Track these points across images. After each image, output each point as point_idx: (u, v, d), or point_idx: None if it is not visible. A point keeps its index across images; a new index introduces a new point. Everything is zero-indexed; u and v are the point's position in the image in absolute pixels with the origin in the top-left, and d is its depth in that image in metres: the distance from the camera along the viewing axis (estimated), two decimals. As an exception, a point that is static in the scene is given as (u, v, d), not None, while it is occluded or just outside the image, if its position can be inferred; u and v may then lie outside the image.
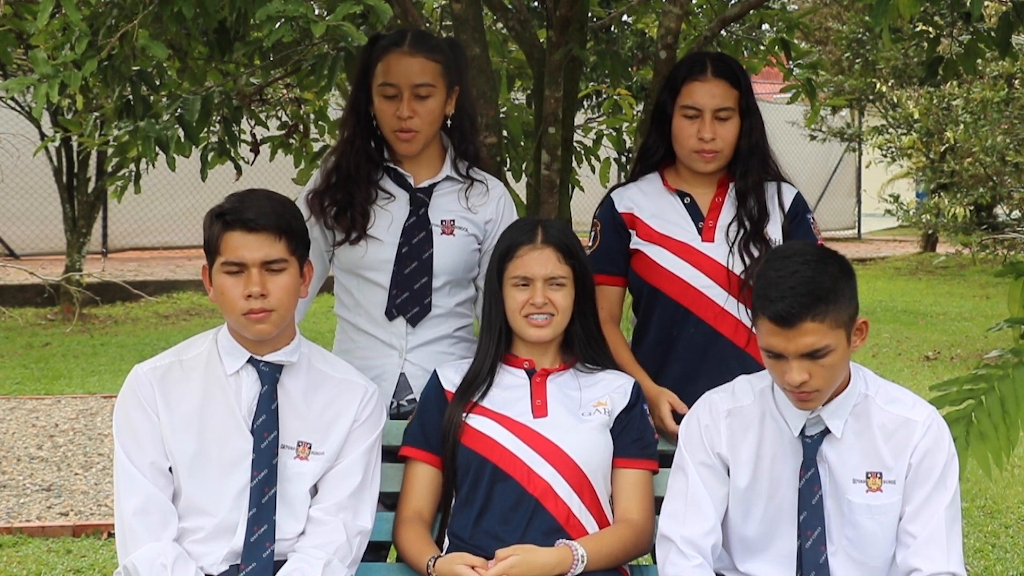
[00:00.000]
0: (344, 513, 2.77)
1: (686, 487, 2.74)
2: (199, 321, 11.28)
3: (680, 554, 2.70)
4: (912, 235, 19.01)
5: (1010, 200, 13.80)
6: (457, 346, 3.17)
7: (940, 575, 2.59)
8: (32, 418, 7.44)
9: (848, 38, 13.33)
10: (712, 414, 2.77)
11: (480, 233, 3.17)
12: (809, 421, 2.68)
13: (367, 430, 2.84)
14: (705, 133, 3.11)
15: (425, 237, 3.11)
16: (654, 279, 3.18)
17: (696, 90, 3.12)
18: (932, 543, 2.61)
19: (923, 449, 2.64)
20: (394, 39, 3.11)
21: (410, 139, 3.08)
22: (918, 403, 2.71)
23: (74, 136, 6.50)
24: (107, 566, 4.90)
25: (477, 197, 3.18)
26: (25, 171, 13.17)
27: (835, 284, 2.58)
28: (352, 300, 3.16)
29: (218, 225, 2.70)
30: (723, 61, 3.20)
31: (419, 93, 3.05)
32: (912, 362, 9.73)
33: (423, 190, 3.15)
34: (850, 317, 2.60)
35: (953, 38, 4.25)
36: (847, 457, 2.67)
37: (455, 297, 3.16)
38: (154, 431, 2.74)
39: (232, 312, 2.71)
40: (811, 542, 2.66)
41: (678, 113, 3.14)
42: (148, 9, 3.00)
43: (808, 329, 2.54)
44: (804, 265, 2.59)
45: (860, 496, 2.65)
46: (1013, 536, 5.50)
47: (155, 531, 2.69)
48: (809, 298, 2.54)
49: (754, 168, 3.18)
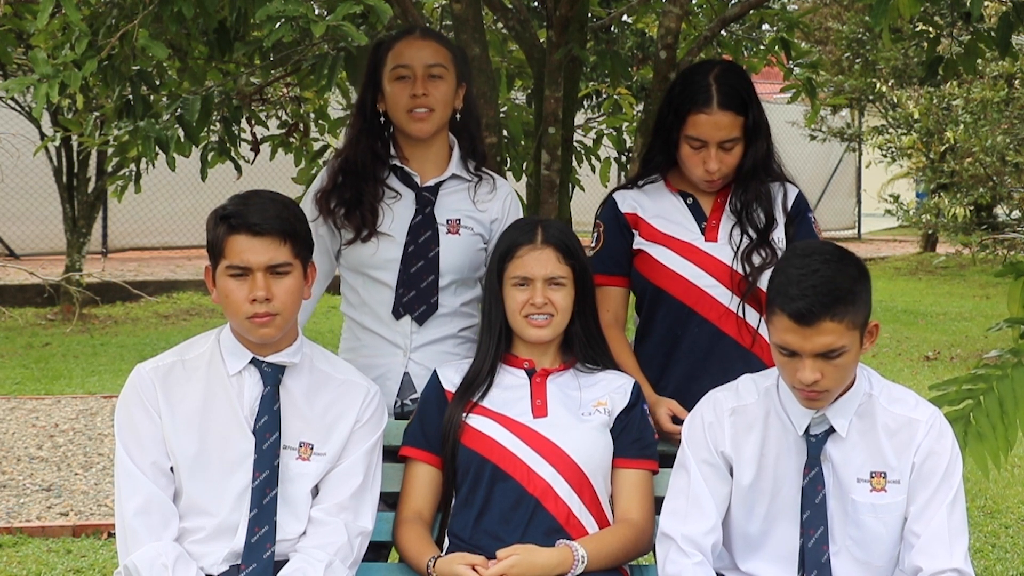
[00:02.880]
0: (345, 514, 2.77)
1: (688, 485, 2.74)
2: (199, 321, 11.28)
3: (680, 552, 2.70)
4: (912, 235, 19.01)
5: (1010, 200, 13.80)
6: (462, 346, 3.17)
7: (943, 572, 2.59)
8: (32, 418, 7.44)
9: (848, 38, 13.33)
10: (716, 412, 2.76)
11: (486, 232, 3.18)
12: (814, 420, 2.67)
13: (369, 431, 2.84)
14: (711, 165, 3.08)
15: (431, 236, 3.11)
16: (658, 279, 3.18)
17: (701, 123, 3.05)
18: (935, 541, 2.61)
19: (926, 449, 2.65)
20: (404, 31, 3.16)
21: (425, 118, 3.07)
22: (921, 403, 2.72)
23: (74, 136, 6.51)
24: (107, 566, 4.90)
25: (484, 196, 3.19)
26: (25, 171, 13.17)
27: (853, 285, 2.57)
28: (358, 299, 3.17)
29: (223, 228, 2.69)
30: (729, 85, 3.06)
31: (432, 73, 3.08)
32: (912, 362, 9.72)
33: (429, 188, 3.15)
34: (865, 319, 2.60)
35: (953, 38, 4.25)
36: (851, 456, 2.67)
37: (461, 296, 3.17)
38: (156, 431, 2.74)
39: (236, 315, 2.71)
40: (813, 541, 2.66)
41: (684, 142, 3.10)
42: (148, 9, 3.00)
43: (826, 329, 2.53)
44: (825, 264, 2.57)
45: (864, 496, 2.65)
46: (1013, 536, 5.49)
47: (156, 531, 2.69)
48: (829, 298, 2.53)
49: (755, 182, 3.16)
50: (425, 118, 3.08)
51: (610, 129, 5.16)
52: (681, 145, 3.11)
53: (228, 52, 3.83)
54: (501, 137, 3.98)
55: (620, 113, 5.20)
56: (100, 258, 14.31)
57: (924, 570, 2.60)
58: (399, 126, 3.13)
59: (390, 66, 3.09)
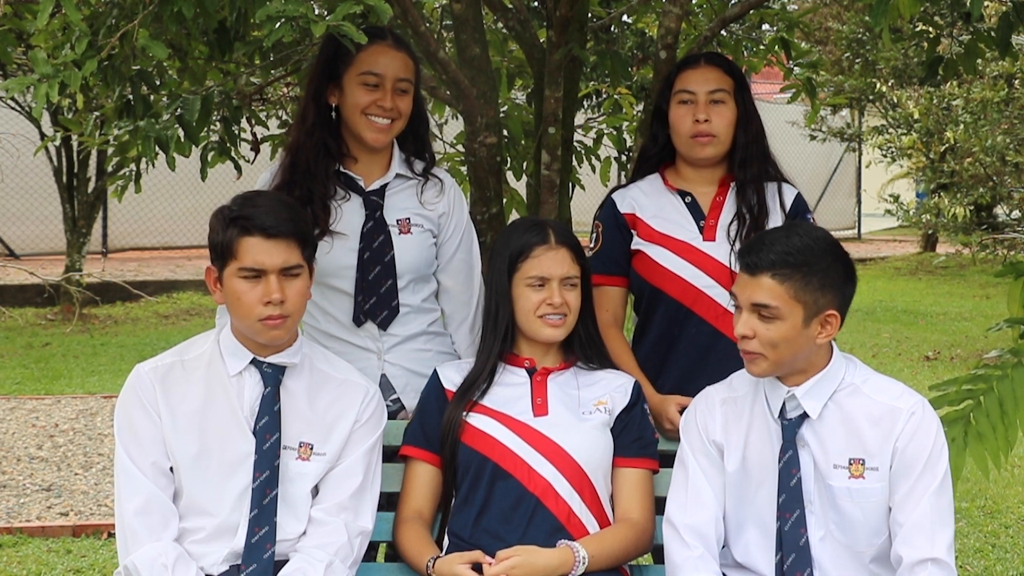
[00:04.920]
0: (345, 513, 2.77)
1: (686, 477, 2.79)
2: (199, 321, 11.28)
3: (683, 544, 2.73)
4: (912, 235, 19.01)
5: (1010, 200, 13.80)
6: (433, 341, 3.18)
7: (922, 561, 2.58)
8: (32, 418, 7.44)
9: (848, 38, 13.33)
10: (708, 403, 2.82)
11: (435, 228, 3.17)
12: (787, 402, 2.71)
13: (368, 430, 2.84)
14: (700, 115, 3.14)
15: (384, 239, 3.09)
16: (656, 279, 3.18)
17: (689, 76, 3.19)
18: (917, 530, 2.61)
19: (907, 437, 2.65)
20: (375, 32, 3.08)
21: (386, 129, 3.06)
22: (906, 393, 2.72)
23: (74, 136, 6.51)
24: (107, 566, 4.90)
25: (431, 195, 3.18)
26: (25, 171, 13.17)
27: (817, 265, 2.63)
28: (318, 309, 3.12)
29: (234, 230, 2.68)
30: (716, 55, 3.31)
31: (400, 87, 3.07)
32: (912, 362, 9.72)
33: (375, 192, 3.13)
34: (816, 302, 2.63)
35: (953, 38, 4.25)
36: (829, 443, 2.69)
37: (420, 293, 3.16)
38: (155, 431, 2.74)
39: (248, 317, 2.70)
40: (790, 524, 2.68)
41: (674, 101, 3.19)
42: (148, 9, 2.99)
43: (764, 284, 2.61)
44: (802, 237, 2.66)
45: (842, 481, 2.67)
46: (1013, 536, 5.49)
47: (156, 531, 2.69)
48: (779, 257, 2.61)
49: (753, 159, 3.20)
50: (386, 129, 3.07)
51: (610, 129, 5.15)
52: (672, 108, 3.19)
53: (228, 52, 3.82)
54: (501, 137, 3.98)
55: (620, 113, 5.20)
56: (100, 258, 14.31)
57: (905, 559, 2.60)
58: (354, 128, 3.08)
59: (359, 68, 3.04)
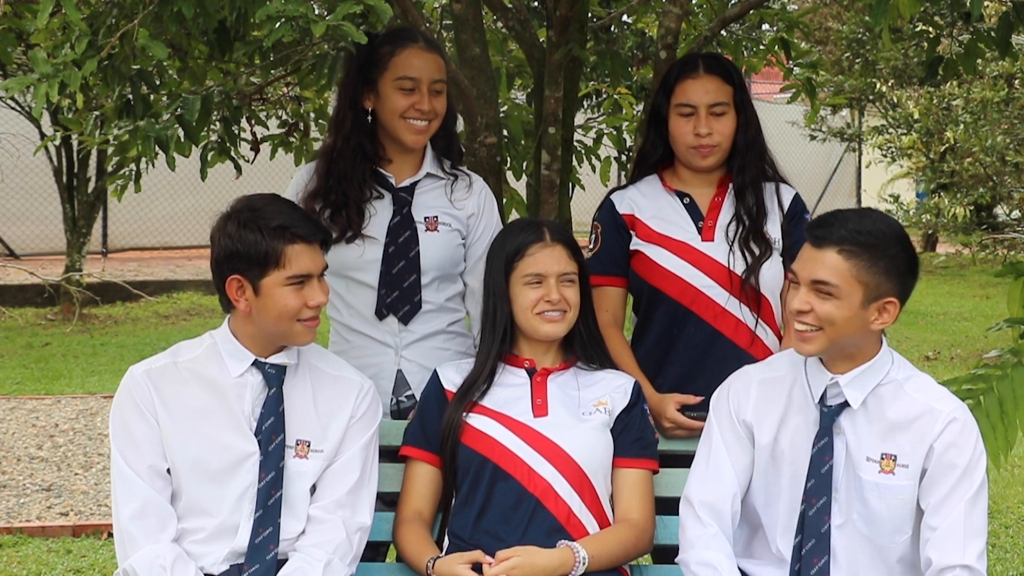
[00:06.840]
0: (343, 510, 2.77)
1: (709, 452, 2.79)
2: (199, 321, 11.27)
3: (698, 521, 2.74)
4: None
5: (1010, 200, 13.80)
6: (453, 341, 3.19)
7: (953, 567, 2.58)
8: (32, 418, 7.44)
9: (848, 38, 13.32)
10: (744, 381, 2.82)
11: (463, 228, 3.20)
12: (829, 389, 2.70)
13: (364, 426, 2.84)
14: (701, 128, 3.12)
15: (411, 235, 3.13)
16: (654, 279, 3.18)
17: (689, 88, 3.15)
18: (949, 536, 2.60)
19: (946, 441, 2.64)
20: (407, 35, 3.15)
21: (424, 131, 3.12)
22: (948, 396, 2.72)
23: (74, 136, 6.51)
24: (107, 566, 4.90)
25: (461, 193, 3.21)
26: (25, 171, 13.16)
27: (887, 250, 2.62)
28: (342, 302, 3.18)
29: (281, 240, 2.68)
30: (715, 59, 3.24)
31: (436, 88, 3.12)
32: (912, 362, 9.68)
33: (405, 189, 3.17)
34: (879, 286, 2.63)
35: (953, 38, 4.25)
36: (864, 435, 2.68)
37: (444, 292, 3.18)
38: (152, 434, 2.73)
39: (288, 321, 2.72)
40: (815, 510, 2.67)
41: (673, 112, 3.17)
42: (148, 9, 2.99)
43: (829, 259, 2.60)
44: (875, 221, 2.65)
45: (872, 475, 2.66)
46: (1013, 536, 5.50)
47: (153, 534, 2.69)
48: (851, 234, 2.60)
49: (752, 163, 3.19)
50: (424, 131, 3.12)
51: (610, 129, 5.15)
52: (672, 119, 3.17)
53: (228, 52, 3.82)
54: (501, 137, 3.98)
55: (620, 113, 5.20)
56: (100, 258, 14.31)
57: (935, 563, 2.59)
58: (393, 132, 3.13)
59: (395, 73, 3.09)
